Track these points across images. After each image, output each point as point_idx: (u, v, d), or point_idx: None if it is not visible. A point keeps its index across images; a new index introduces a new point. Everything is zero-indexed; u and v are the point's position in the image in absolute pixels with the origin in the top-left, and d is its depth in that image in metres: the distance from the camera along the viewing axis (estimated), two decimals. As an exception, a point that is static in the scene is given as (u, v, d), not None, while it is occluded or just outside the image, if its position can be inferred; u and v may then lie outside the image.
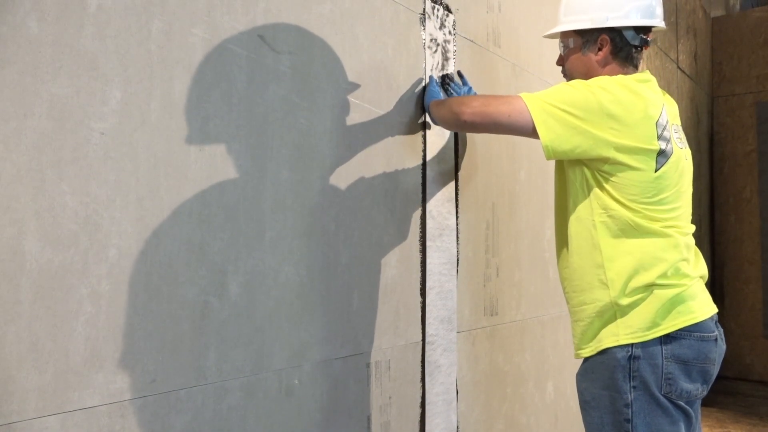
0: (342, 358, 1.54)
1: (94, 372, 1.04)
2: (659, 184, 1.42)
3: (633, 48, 1.52)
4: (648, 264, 1.42)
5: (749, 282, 5.24)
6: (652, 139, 1.40)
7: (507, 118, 1.44)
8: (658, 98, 1.48)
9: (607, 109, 1.37)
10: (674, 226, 1.46)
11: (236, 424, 1.28)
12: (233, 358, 1.28)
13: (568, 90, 1.41)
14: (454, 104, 1.55)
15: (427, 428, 1.84)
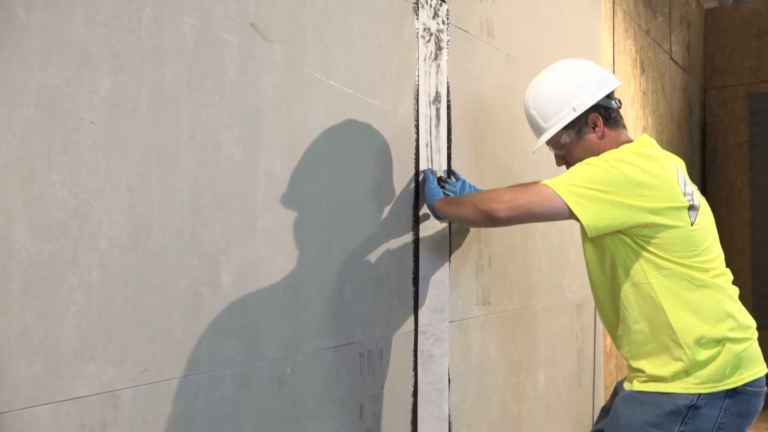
0: (334, 347, 1.55)
1: (85, 362, 1.03)
2: (699, 236, 1.48)
3: (616, 111, 1.62)
4: (714, 319, 1.46)
5: (739, 273, 5.26)
6: (679, 197, 1.46)
7: (541, 207, 1.46)
8: (668, 157, 1.57)
9: (633, 179, 1.43)
10: (722, 274, 1.53)
11: (229, 414, 1.28)
12: (226, 348, 1.28)
13: (588, 169, 1.46)
14: (481, 202, 1.54)
15: (419, 417, 1.85)
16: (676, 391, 1.44)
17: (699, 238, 1.47)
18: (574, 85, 1.59)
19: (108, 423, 1.07)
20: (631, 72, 3.75)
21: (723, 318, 1.46)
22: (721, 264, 1.55)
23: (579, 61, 1.70)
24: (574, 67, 1.65)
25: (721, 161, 5.50)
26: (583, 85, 1.58)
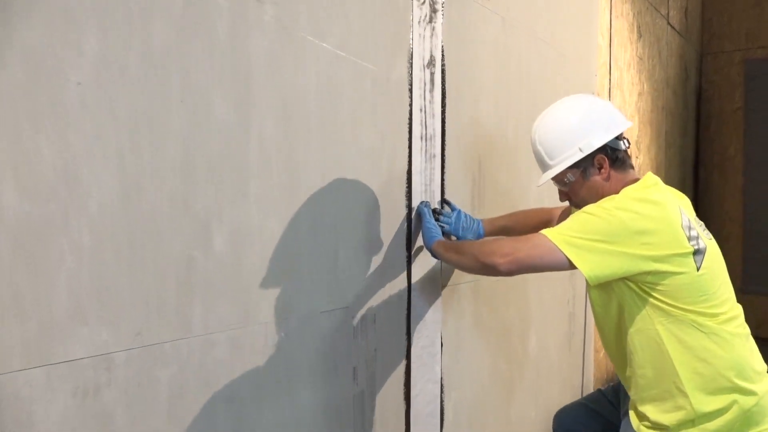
0: (328, 311, 1.56)
1: (78, 325, 1.03)
2: (706, 281, 1.43)
3: (623, 152, 1.58)
4: (723, 367, 1.42)
5: (730, 239, 5.32)
6: (683, 242, 1.42)
7: (540, 261, 1.45)
8: (672, 199, 1.51)
9: (633, 227, 1.39)
10: (733, 318, 1.48)
11: (223, 377, 1.29)
12: (219, 312, 1.28)
13: (587, 219, 1.43)
14: (482, 255, 1.53)
15: (412, 380, 1.88)
16: None
17: (706, 283, 1.43)
18: (582, 125, 1.54)
19: (102, 386, 1.07)
20: (628, 37, 3.71)
21: (732, 366, 1.42)
22: (731, 306, 1.49)
23: (590, 98, 1.65)
24: (583, 105, 1.61)
25: (716, 128, 5.49)
26: (591, 125, 1.54)
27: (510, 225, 1.99)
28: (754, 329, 5.30)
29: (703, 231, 1.50)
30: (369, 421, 1.71)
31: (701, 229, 1.50)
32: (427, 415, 1.96)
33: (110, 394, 1.09)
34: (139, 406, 1.14)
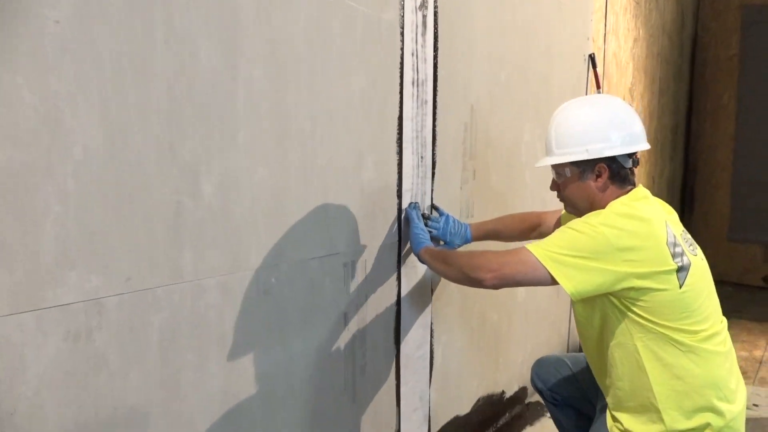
0: (318, 258, 1.56)
1: (67, 270, 1.03)
2: (688, 298, 1.42)
3: (628, 170, 1.54)
4: (699, 386, 1.43)
5: (719, 187, 5.36)
6: (667, 260, 1.41)
7: (525, 276, 1.46)
8: (659, 213, 1.49)
9: (617, 245, 1.39)
10: (714, 335, 1.47)
11: (214, 322, 1.31)
12: (209, 258, 1.28)
13: (572, 235, 1.43)
14: (468, 269, 1.55)
15: (402, 325, 1.90)
16: None
17: (688, 300, 1.42)
18: (601, 129, 1.52)
19: (94, 329, 1.08)
20: (625, -21, 3.62)
21: (708, 385, 1.43)
22: (713, 322, 1.49)
23: (625, 107, 1.61)
24: (614, 110, 1.57)
25: (710, 75, 5.44)
26: (610, 133, 1.51)
27: (498, 229, 2.00)
28: (739, 276, 5.37)
29: (688, 247, 1.49)
30: (360, 366, 1.75)
31: (687, 245, 1.49)
32: (417, 359, 2.00)
33: (102, 338, 1.10)
34: (132, 349, 1.15)
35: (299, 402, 1.54)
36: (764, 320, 4.27)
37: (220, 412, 1.34)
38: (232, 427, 1.37)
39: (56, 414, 1.04)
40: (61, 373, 1.04)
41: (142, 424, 1.18)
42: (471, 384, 2.38)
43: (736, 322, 4.21)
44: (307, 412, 1.58)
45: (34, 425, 1.01)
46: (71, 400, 1.06)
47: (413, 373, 1.98)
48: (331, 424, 1.66)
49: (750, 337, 3.87)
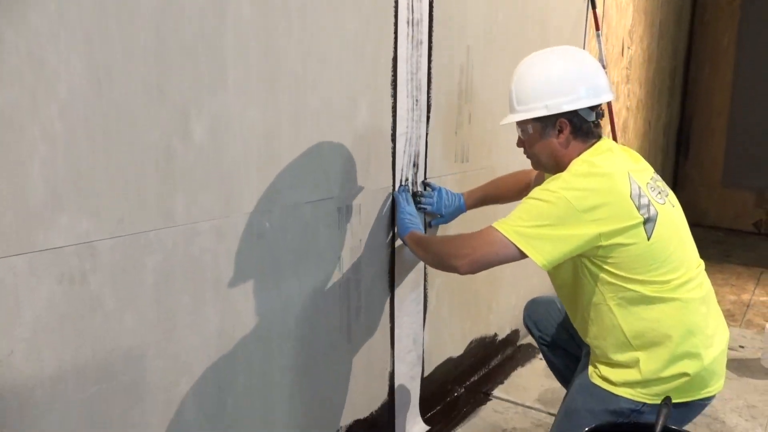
0: (312, 202, 1.55)
1: (58, 213, 1.02)
2: (656, 249, 1.41)
3: (591, 123, 1.50)
4: (675, 335, 1.42)
5: (715, 132, 5.33)
6: (632, 213, 1.39)
7: (496, 257, 1.46)
8: (622, 166, 1.45)
9: (580, 206, 1.37)
10: (687, 281, 1.45)
11: (208, 265, 1.31)
12: (202, 202, 1.27)
13: (534, 205, 1.42)
14: (442, 256, 1.58)
15: (396, 268, 1.92)
16: (624, 396, 1.45)
17: (657, 251, 1.41)
18: (560, 83, 1.47)
19: (87, 273, 1.08)
20: None
21: (683, 333, 1.43)
22: (687, 268, 1.47)
23: (581, 56, 1.54)
24: (574, 62, 1.51)
25: (710, 18, 5.33)
26: (568, 86, 1.47)
27: (492, 194, 1.99)
28: (731, 221, 5.41)
29: (656, 195, 1.47)
30: (355, 308, 1.77)
31: (654, 194, 1.46)
32: (411, 302, 2.02)
33: (96, 281, 1.10)
34: (127, 292, 1.15)
35: (295, 344, 1.57)
36: (753, 265, 4.33)
37: (217, 354, 1.36)
38: (228, 369, 1.39)
39: (54, 355, 1.05)
40: (57, 316, 1.04)
41: (139, 365, 1.20)
42: (464, 326, 2.42)
43: (726, 266, 4.27)
44: (303, 354, 1.60)
45: (32, 366, 1.02)
46: (68, 341, 1.07)
47: (407, 315, 2.01)
48: (326, 365, 1.70)
49: (739, 282, 3.93)
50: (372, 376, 1.90)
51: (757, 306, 3.51)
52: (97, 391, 1.13)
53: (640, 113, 4.38)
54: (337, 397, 1.77)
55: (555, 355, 1.85)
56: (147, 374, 1.21)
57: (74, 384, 1.09)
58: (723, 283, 3.86)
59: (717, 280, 3.86)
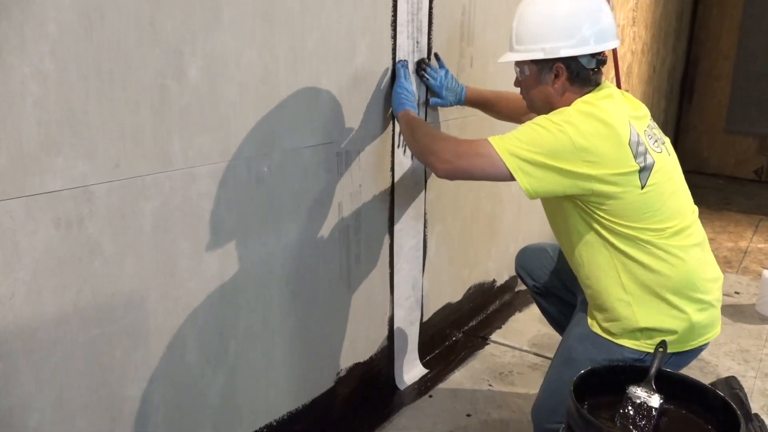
0: (312, 146, 1.53)
1: (53, 156, 1.00)
2: (651, 197, 1.39)
3: (590, 71, 1.45)
4: (669, 282, 1.41)
5: (720, 77, 5.24)
6: (629, 161, 1.36)
7: (481, 170, 1.41)
8: (623, 112, 1.41)
9: (579, 144, 1.33)
10: (681, 230, 1.43)
11: (207, 210, 1.30)
12: (199, 145, 1.25)
13: (536, 131, 1.36)
14: (426, 150, 1.51)
15: (396, 215, 1.91)
16: (627, 346, 1.44)
17: (651, 199, 1.39)
18: (561, 26, 1.41)
19: (84, 217, 1.07)
20: None
21: (679, 281, 1.42)
22: (682, 216, 1.45)
23: (595, 4, 1.45)
24: (578, 3, 1.43)
25: (721, -44, 5.16)
26: (570, 29, 1.40)
27: (493, 101, 1.93)
28: (732, 169, 5.38)
29: (653, 144, 1.43)
30: (355, 254, 1.77)
31: (651, 142, 1.43)
32: (410, 248, 2.02)
33: (94, 226, 1.09)
34: (125, 237, 1.14)
35: (295, 288, 1.58)
36: (752, 212, 4.34)
37: (217, 299, 1.36)
38: (229, 313, 1.40)
39: (54, 298, 1.05)
40: (56, 260, 1.04)
41: (141, 308, 1.20)
42: (463, 273, 2.44)
43: (725, 214, 4.28)
44: (303, 299, 1.61)
45: (33, 308, 1.02)
46: (68, 285, 1.07)
47: (407, 261, 2.02)
48: (326, 311, 1.71)
49: (737, 229, 3.94)
50: (372, 321, 1.92)
51: (754, 253, 3.53)
52: (99, 334, 1.14)
53: (645, 57, 4.29)
54: (337, 342, 1.79)
55: (549, 303, 1.86)
56: (148, 318, 1.22)
57: (77, 327, 1.09)
58: (721, 231, 3.87)
59: (715, 228, 3.87)
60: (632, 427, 1.23)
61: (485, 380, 2.10)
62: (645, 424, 1.23)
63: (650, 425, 1.23)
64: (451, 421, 1.86)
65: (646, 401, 1.25)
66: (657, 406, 1.24)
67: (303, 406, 1.70)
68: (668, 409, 1.29)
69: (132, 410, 1.22)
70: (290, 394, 1.65)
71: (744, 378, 2.14)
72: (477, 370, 2.15)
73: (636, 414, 1.24)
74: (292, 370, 1.63)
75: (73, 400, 1.11)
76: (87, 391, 1.13)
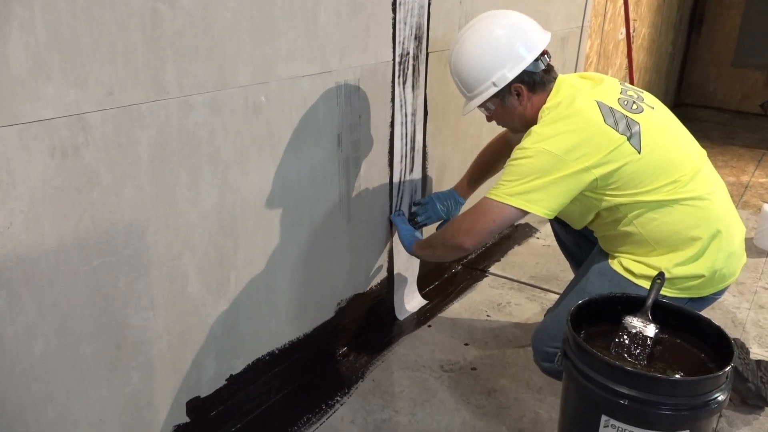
0: (310, 75, 1.49)
1: (43, 83, 0.97)
2: (652, 157, 1.41)
3: (542, 72, 1.51)
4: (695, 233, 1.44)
5: (731, 7, 5.08)
6: (613, 137, 1.39)
7: (496, 224, 1.47)
8: (586, 96, 1.44)
9: (560, 150, 1.38)
10: (695, 174, 1.45)
11: (204, 140, 1.28)
12: (194, 73, 1.21)
13: (520, 164, 1.43)
14: (447, 241, 1.60)
15: (395, 146, 1.89)
16: (645, 287, 1.44)
17: (653, 160, 1.41)
18: (494, 58, 1.48)
19: (80, 146, 1.05)
20: None
21: (706, 229, 1.44)
22: (691, 162, 1.46)
23: (501, 23, 1.50)
24: (493, 34, 1.49)
25: None
26: (504, 56, 1.47)
27: (477, 173, 2.00)
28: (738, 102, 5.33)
29: (631, 107, 1.45)
30: (354, 186, 1.76)
31: (628, 107, 1.45)
32: (411, 180, 2.01)
33: (91, 155, 1.07)
34: (123, 167, 1.13)
35: (295, 220, 1.57)
36: (755, 147, 4.30)
37: (217, 230, 1.36)
38: (229, 244, 1.40)
39: (54, 228, 1.05)
40: (53, 189, 1.03)
41: (141, 239, 1.20)
42: (463, 206, 2.44)
43: (729, 148, 4.24)
44: (303, 231, 1.61)
45: (32, 237, 1.02)
46: (67, 214, 1.06)
47: (407, 195, 2.01)
48: (326, 242, 1.72)
49: (740, 163, 3.92)
50: (372, 253, 1.93)
51: (755, 187, 3.52)
52: (101, 264, 1.14)
53: (654, -14, 4.14)
54: (337, 273, 1.81)
55: (567, 232, 1.87)
56: (149, 248, 1.22)
57: (78, 256, 1.10)
58: (723, 165, 3.85)
59: (717, 162, 3.84)
60: (627, 355, 1.25)
61: (483, 311, 2.13)
62: (639, 353, 1.25)
63: (645, 353, 1.25)
64: (450, 350, 1.90)
65: (641, 331, 1.27)
66: (652, 335, 1.26)
67: (304, 335, 1.73)
68: (663, 338, 1.31)
69: (136, 338, 1.25)
70: (291, 323, 1.67)
71: (738, 310, 2.18)
72: (475, 302, 2.18)
73: (631, 343, 1.26)
74: (292, 300, 1.65)
75: (77, 328, 1.13)
76: (90, 319, 1.15)
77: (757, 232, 2.73)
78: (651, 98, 1.54)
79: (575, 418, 1.30)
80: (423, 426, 1.57)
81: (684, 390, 1.13)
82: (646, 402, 1.13)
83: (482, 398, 1.68)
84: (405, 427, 1.57)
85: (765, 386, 1.57)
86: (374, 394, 1.69)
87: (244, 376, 1.55)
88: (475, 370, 1.81)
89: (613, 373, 1.16)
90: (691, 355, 1.28)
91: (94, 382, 1.19)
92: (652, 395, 1.12)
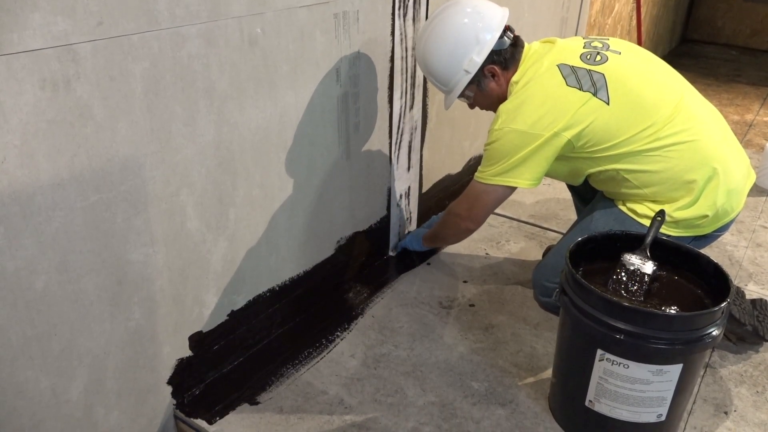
0: (307, 6, 1.44)
1: (29, 11, 0.93)
2: (624, 105, 1.42)
3: (510, 48, 1.54)
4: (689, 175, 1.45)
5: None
6: (577, 96, 1.42)
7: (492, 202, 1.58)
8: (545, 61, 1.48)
9: (526, 124, 1.43)
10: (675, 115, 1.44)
11: (199, 72, 1.24)
12: (186, 3, 1.17)
13: (494, 147, 1.50)
14: (453, 229, 1.75)
15: (396, 82, 1.85)
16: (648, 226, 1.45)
17: (625, 107, 1.42)
18: (459, 47, 1.51)
19: (71, 78, 1.02)
20: None
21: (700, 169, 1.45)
22: (669, 107, 1.45)
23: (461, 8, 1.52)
24: (455, 24, 1.52)
25: None
26: (468, 42, 1.51)
27: None
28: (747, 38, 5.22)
29: (594, 60, 1.46)
30: (353, 123, 1.73)
31: (592, 59, 1.46)
32: (411, 118, 1.98)
33: (83, 88, 1.04)
34: (116, 100, 1.10)
35: (293, 157, 1.56)
36: (762, 84, 4.23)
37: (215, 166, 1.35)
38: (227, 180, 1.39)
39: (48, 162, 1.03)
40: (45, 122, 1.01)
41: (138, 175, 1.19)
42: (463, 145, 2.41)
43: (734, 86, 4.17)
44: (302, 168, 1.60)
45: (28, 172, 1.01)
46: (61, 149, 1.04)
47: (407, 132, 1.98)
48: (325, 180, 1.70)
49: (745, 101, 3.86)
50: (371, 191, 1.93)
51: (759, 126, 3.48)
52: (98, 200, 1.13)
53: None
54: (336, 210, 1.80)
55: None
56: (146, 184, 1.21)
57: (74, 192, 1.09)
58: (728, 103, 3.79)
59: (722, 100, 3.78)
60: (624, 292, 1.26)
61: (482, 249, 2.14)
62: (637, 289, 1.26)
63: (642, 290, 1.26)
64: (448, 287, 1.92)
65: (639, 268, 1.28)
66: (650, 272, 1.27)
67: (304, 272, 1.74)
68: (661, 275, 1.32)
69: (137, 273, 1.25)
70: (291, 260, 1.68)
71: (736, 248, 2.19)
72: (474, 240, 2.19)
73: (629, 280, 1.27)
74: (292, 237, 1.65)
75: (77, 264, 1.13)
76: (90, 255, 1.15)
77: (759, 171, 2.71)
78: (618, 43, 1.55)
79: (571, 353, 1.32)
80: (421, 360, 1.61)
81: (679, 325, 1.15)
82: (641, 336, 1.14)
83: (480, 333, 1.71)
84: (404, 360, 1.60)
85: (761, 324, 1.60)
86: (374, 330, 1.72)
87: (245, 311, 1.58)
88: (473, 307, 1.83)
89: (609, 308, 1.18)
90: (688, 291, 1.30)
91: (97, 316, 1.20)
92: (647, 329, 1.14)
